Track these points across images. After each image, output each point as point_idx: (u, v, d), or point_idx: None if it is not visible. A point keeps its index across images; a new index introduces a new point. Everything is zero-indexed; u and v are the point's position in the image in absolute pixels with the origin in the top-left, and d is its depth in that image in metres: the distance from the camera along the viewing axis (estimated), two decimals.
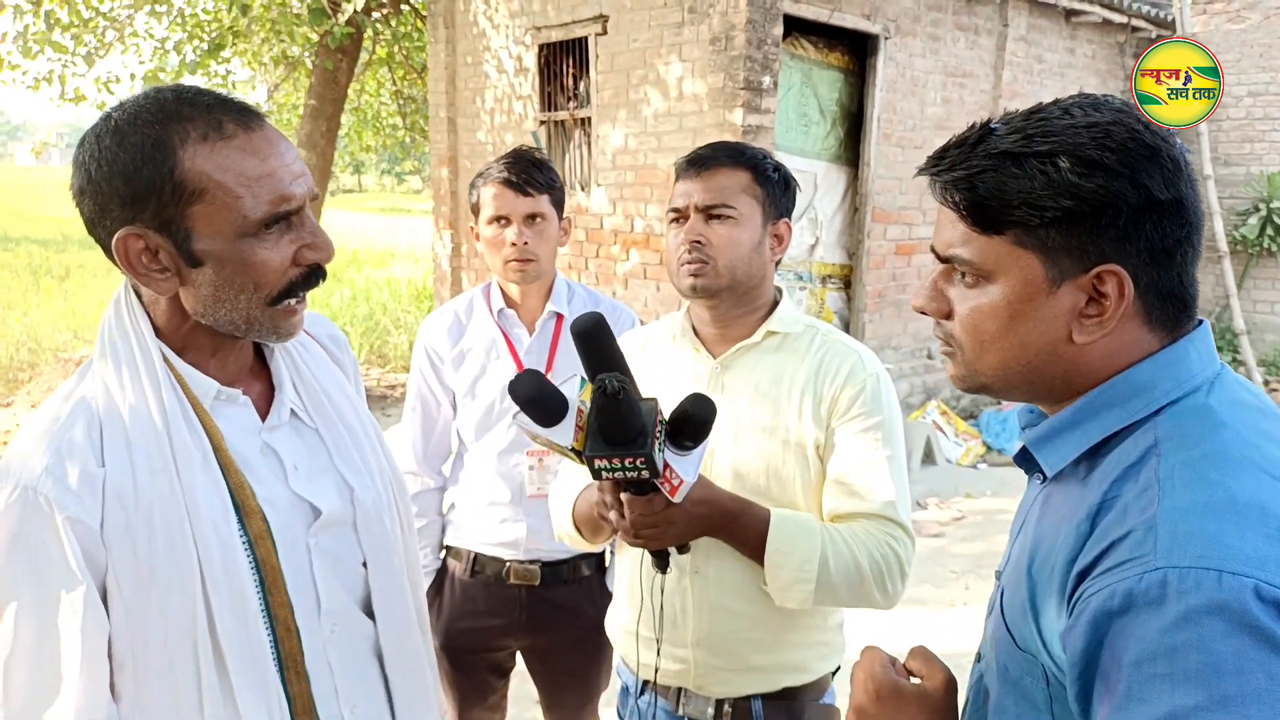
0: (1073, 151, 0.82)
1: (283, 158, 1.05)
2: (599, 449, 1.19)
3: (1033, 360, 0.88)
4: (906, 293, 7.38)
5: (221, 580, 1.06)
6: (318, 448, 1.22)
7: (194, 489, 1.06)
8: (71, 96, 8.98)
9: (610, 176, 6.89)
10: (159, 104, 1.02)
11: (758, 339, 1.60)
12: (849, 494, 1.51)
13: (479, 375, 2.11)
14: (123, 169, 1.00)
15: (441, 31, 8.33)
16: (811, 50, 6.53)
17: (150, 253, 1.04)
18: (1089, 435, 0.88)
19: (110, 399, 1.07)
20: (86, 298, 12.03)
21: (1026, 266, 0.86)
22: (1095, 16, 7.99)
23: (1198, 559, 0.72)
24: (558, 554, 2.14)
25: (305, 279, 1.09)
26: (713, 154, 1.59)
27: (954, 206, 0.89)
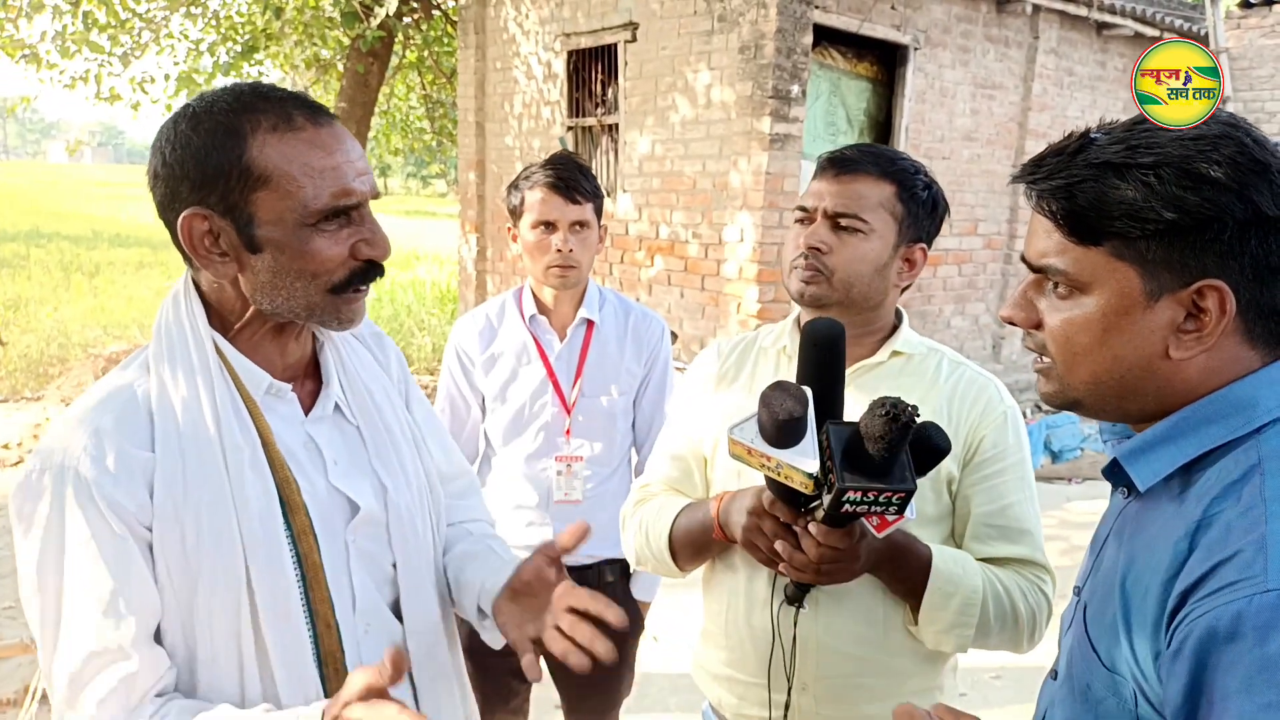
0: (1178, 164, 0.80)
1: (348, 154, 1.07)
2: (855, 480, 1.05)
3: (1125, 375, 0.86)
4: (932, 303, 7.35)
5: (266, 576, 1.08)
6: (357, 445, 1.23)
7: (242, 485, 1.08)
8: (107, 96, 9.12)
9: (636, 183, 6.91)
10: (235, 95, 1.06)
11: (881, 358, 1.47)
12: (998, 536, 1.41)
13: (509, 380, 2.12)
14: (195, 152, 1.03)
15: (472, 37, 8.40)
16: (840, 60, 6.53)
17: (213, 236, 1.06)
18: (1185, 451, 0.85)
19: (163, 391, 1.08)
20: (116, 294, 12.19)
21: (1124, 279, 0.83)
22: (1127, 29, 7.93)
23: None
24: (582, 559, 2.15)
25: (363, 273, 1.11)
26: (858, 157, 1.44)
27: (1050, 215, 0.87)
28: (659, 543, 1.53)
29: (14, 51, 8.46)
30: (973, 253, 7.61)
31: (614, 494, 2.16)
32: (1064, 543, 4.88)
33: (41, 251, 16.26)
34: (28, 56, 8.54)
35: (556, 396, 2.11)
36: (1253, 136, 0.82)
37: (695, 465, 1.58)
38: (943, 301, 7.46)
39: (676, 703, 3.40)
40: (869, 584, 1.39)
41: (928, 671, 1.48)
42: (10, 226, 20.23)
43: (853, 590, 1.39)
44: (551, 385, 2.10)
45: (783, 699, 1.43)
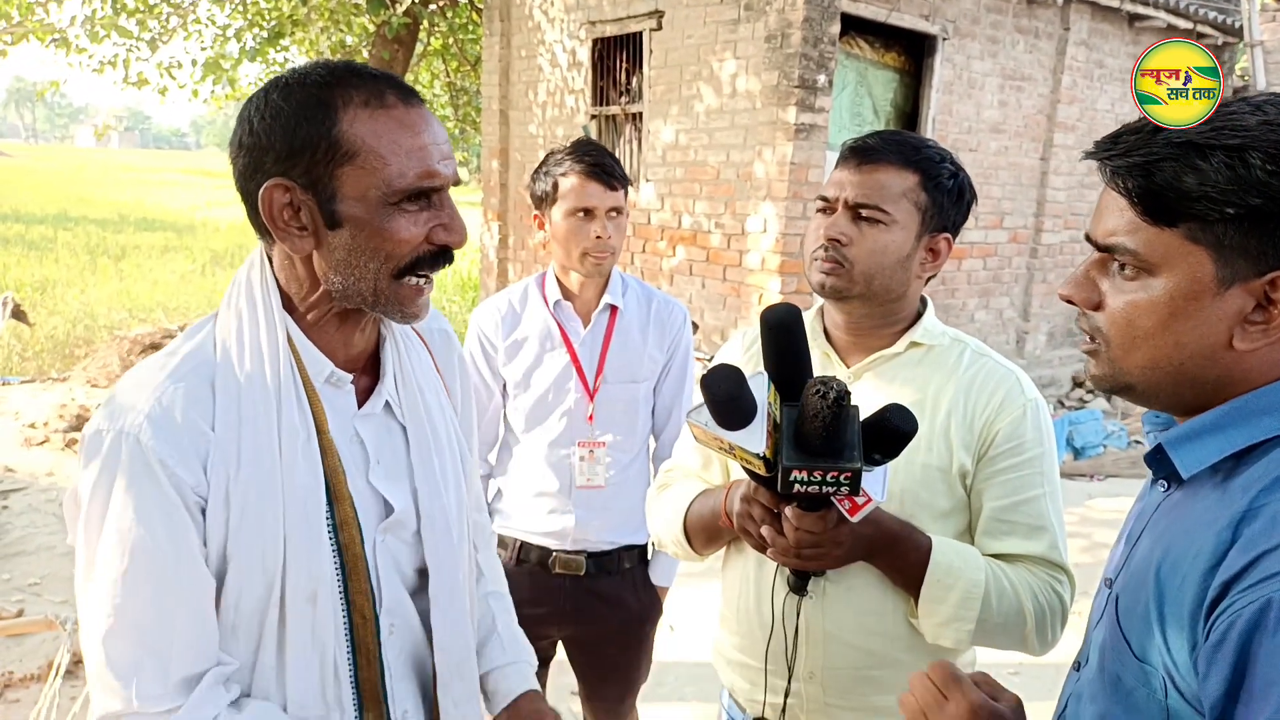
0: (1266, 148, 0.77)
1: (435, 136, 1.07)
2: (799, 459, 1.06)
3: (1185, 363, 0.84)
4: (956, 296, 7.29)
5: (302, 563, 1.07)
6: (400, 446, 1.21)
7: (293, 469, 1.07)
8: (134, 80, 9.20)
9: (659, 172, 6.89)
10: (329, 69, 1.06)
11: (899, 349, 1.45)
12: (1010, 533, 1.37)
13: (533, 365, 2.12)
14: (285, 122, 1.02)
15: (497, 24, 8.39)
16: (868, 49, 6.47)
17: (293, 209, 1.05)
18: (1233, 440, 0.83)
19: (229, 362, 1.07)
20: (141, 278, 12.32)
21: (1196, 263, 0.81)
22: (1160, 21, 7.82)
23: None
24: (603, 545, 2.15)
25: (434, 258, 1.09)
26: (881, 146, 1.39)
27: (1125, 193, 0.84)
28: (675, 527, 1.53)
29: (44, 36, 8.55)
30: (998, 246, 7.54)
31: (634, 480, 2.16)
32: (1085, 540, 4.84)
33: (69, 235, 16.45)
34: (57, 41, 8.63)
35: (580, 382, 2.10)
36: None
37: (717, 457, 1.58)
38: (967, 295, 7.40)
39: (693, 692, 3.40)
40: (876, 575, 1.38)
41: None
42: (38, 210, 20.46)
43: (859, 581, 1.38)
44: (575, 371, 2.10)
45: (783, 685, 1.42)
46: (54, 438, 5.85)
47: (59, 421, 6.02)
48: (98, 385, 7.03)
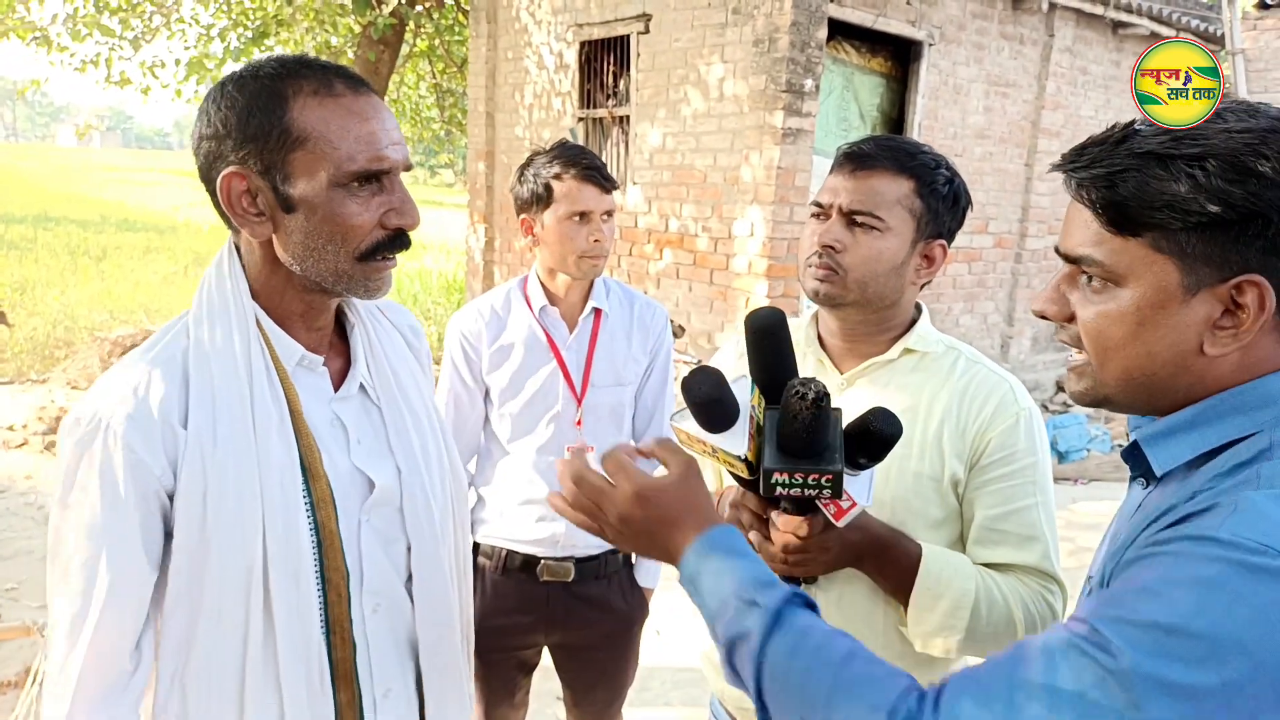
0: (1224, 156, 0.78)
1: (383, 123, 1.11)
2: (780, 461, 1.06)
3: (1159, 371, 0.85)
4: (941, 301, 7.32)
5: (281, 536, 1.11)
6: (379, 426, 1.26)
7: (268, 448, 1.11)
8: (117, 80, 9.12)
9: (646, 175, 6.88)
10: (281, 62, 1.11)
11: (893, 355, 1.44)
12: (1001, 542, 1.36)
13: (519, 372, 2.09)
14: (239, 112, 1.07)
15: (484, 26, 8.37)
16: (854, 54, 6.49)
17: (250, 195, 1.10)
18: (1207, 439, 0.84)
19: (201, 353, 1.12)
20: (122, 278, 12.20)
21: (1161, 272, 0.82)
22: (1143, 29, 7.88)
23: (1261, 535, 0.70)
24: (591, 550, 2.13)
25: (391, 241, 1.13)
26: (876, 152, 1.38)
27: (1090, 204, 0.85)
28: None
29: (25, 34, 8.46)
30: (983, 251, 7.57)
31: None
32: (1070, 543, 4.86)
33: (49, 235, 16.28)
34: (38, 39, 8.54)
35: (568, 388, 2.09)
36: None
37: (709, 463, 1.56)
38: (952, 300, 7.43)
39: (679, 697, 3.39)
40: (868, 585, 1.37)
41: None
42: (18, 210, 20.26)
43: (849, 589, 1.38)
44: (563, 376, 2.09)
45: None
46: (33, 440, 5.77)
47: (38, 424, 5.95)
48: (78, 387, 6.95)
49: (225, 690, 1.11)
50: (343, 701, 1.19)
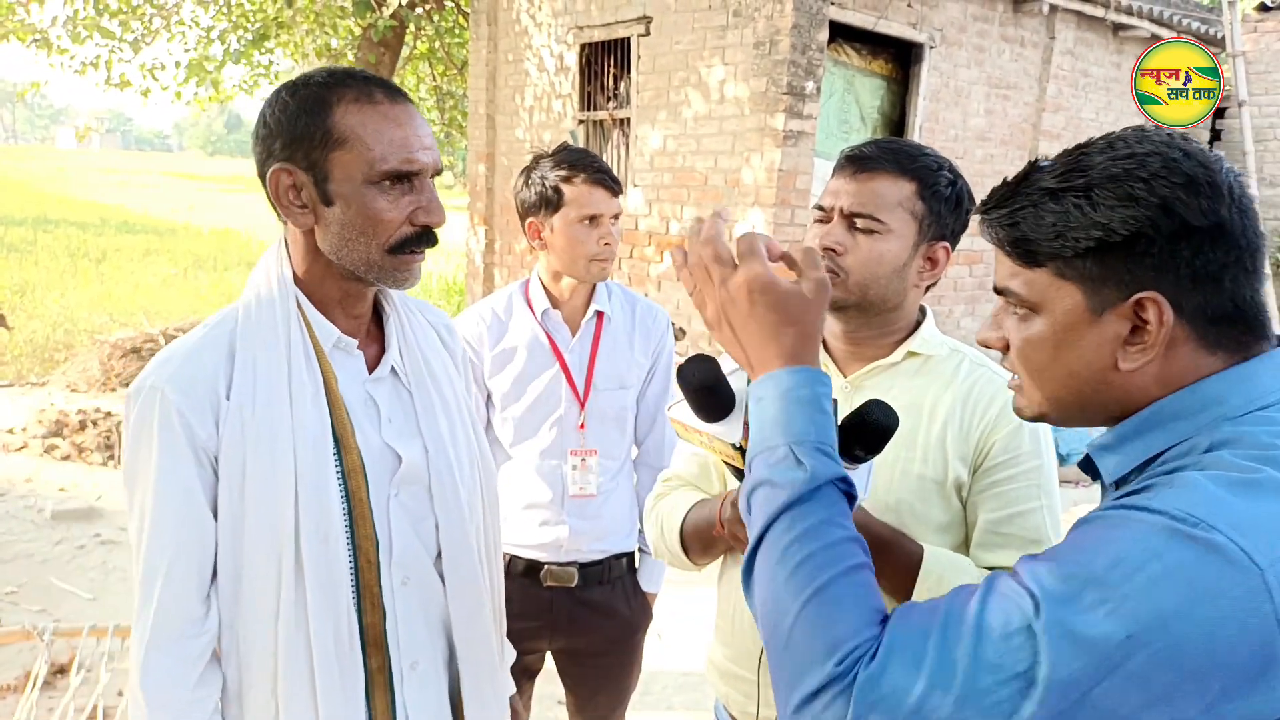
0: (1105, 184, 0.84)
1: (416, 129, 1.23)
2: None
3: (1083, 389, 0.90)
4: (942, 304, 7.32)
5: (313, 502, 1.22)
6: (409, 407, 1.36)
7: (303, 418, 1.23)
8: (117, 82, 9.11)
9: (647, 178, 6.88)
10: (330, 72, 1.24)
11: (897, 359, 1.44)
12: (1005, 544, 1.35)
13: (522, 376, 2.09)
14: (290, 115, 1.21)
15: (484, 28, 8.37)
16: (855, 57, 6.49)
17: (295, 189, 1.22)
18: (1151, 445, 0.88)
19: (248, 331, 1.25)
20: (122, 281, 12.20)
21: (1068, 297, 0.88)
22: (1143, 31, 7.89)
23: (1185, 506, 0.74)
24: (594, 555, 2.13)
25: (418, 237, 1.24)
26: (877, 154, 1.39)
27: (997, 243, 0.92)
28: (672, 537, 1.52)
29: (25, 36, 8.46)
30: (984, 254, 7.57)
31: (623, 488, 2.16)
32: None
33: (48, 237, 16.28)
34: (38, 41, 8.55)
35: (570, 391, 2.09)
36: (1184, 150, 0.85)
37: (713, 462, 1.57)
38: (953, 302, 7.43)
39: (681, 701, 3.38)
40: None
41: None
42: (18, 212, 20.27)
43: None
44: (565, 380, 2.08)
45: (769, 695, 1.41)
46: (33, 443, 5.77)
47: (38, 427, 5.94)
48: (77, 390, 6.94)
49: (264, 643, 1.22)
50: (373, 667, 1.28)
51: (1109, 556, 0.73)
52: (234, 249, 16.72)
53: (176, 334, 7.59)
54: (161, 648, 1.19)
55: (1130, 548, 0.73)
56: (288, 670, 1.22)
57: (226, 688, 1.24)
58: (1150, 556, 0.72)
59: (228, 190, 33.26)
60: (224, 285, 12.57)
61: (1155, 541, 0.72)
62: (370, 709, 1.28)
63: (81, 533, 4.69)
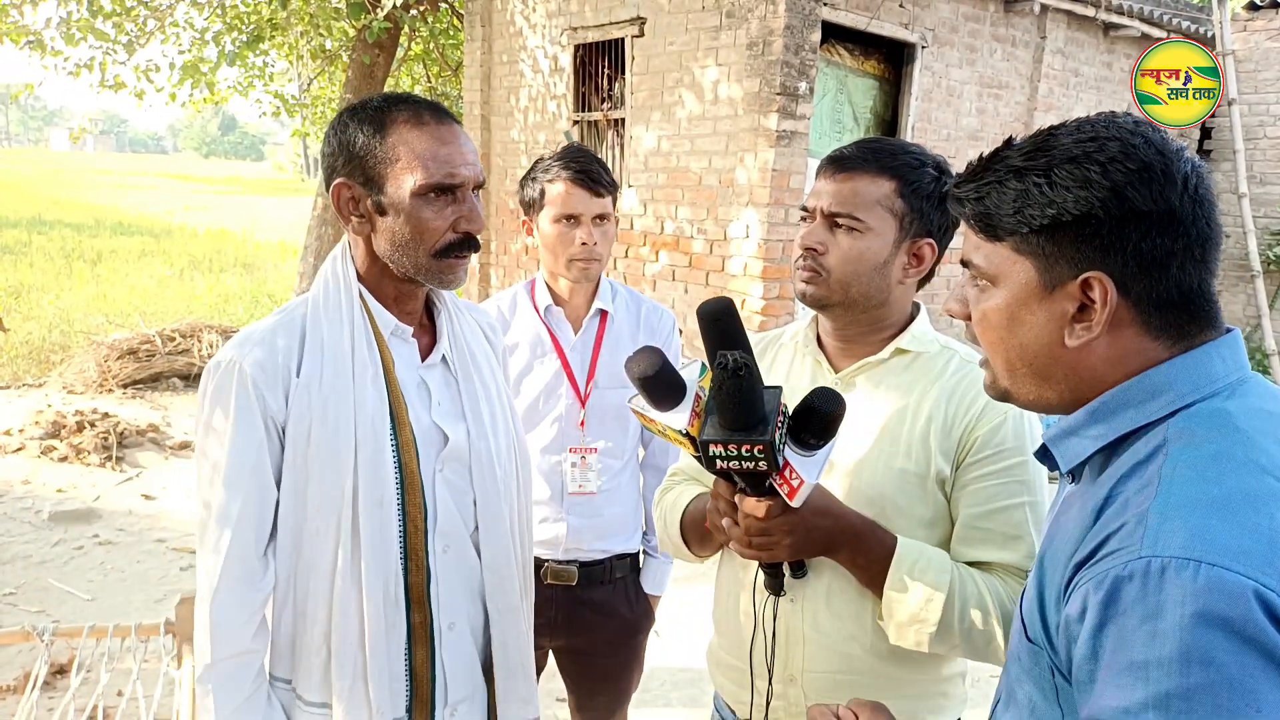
0: (1064, 164, 0.87)
1: (460, 147, 1.39)
2: (715, 434, 1.13)
3: (1033, 362, 0.94)
4: (935, 302, 7.35)
5: (370, 470, 1.37)
6: (455, 393, 1.51)
7: (364, 393, 1.38)
8: (111, 84, 9.10)
9: (642, 178, 6.90)
10: (385, 97, 1.41)
11: (884, 356, 1.45)
12: (985, 540, 1.36)
13: (524, 372, 2.11)
14: (350, 136, 1.38)
15: (478, 29, 8.38)
16: (848, 57, 6.52)
17: (354, 201, 1.40)
18: (1103, 435, 0.91)
19: (317, 317, 1.41)
20: (118, 282, 12.19)
21: (1023, 272, 0.92)
22: (1134, 30, 7.92)
23: (1179, 549, 0.75)
24: (595, 554, 2.15)
25: (461, 243, 1.40)
26: (856, 155, 1.42)
27: (964, 217, 0.97)
28: (674, 529, 1.58)
29: (18, 38, 8.44)
30: None
31: (625, 487, 2.16)
32: None
33: (44, 239, 16.25)
34: (32, 43, 8.52)
35: (571, 388, 2.10)
36: (1145, 138, 0.87)
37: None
38: (945, 299, 7.46)
39: (679, 697, 3.40)
40: (854, 579, 1.38)
41: (927, 677, 1.45)
42: (12, 214, 20.22)
43: (837, 585, 1.39)
44: (566, 377, 2.10)
45: (764, 686, 1.44)
46: (30, 445, 5.77)
47: (35, 428, 5.95)
48: (74, 391, 6.94)
49: (319, 594, 1.38)
50: (416, 622, 1.43)
51: (1178, 678, 0.72)
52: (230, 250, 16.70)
53: (174, 335, 7.59)
54: (230, 590, 1.34)
55: (1183, 663, 0.72)
56: (340, 620, 1.37)
57: (280, 635, 1.41)
58: (1207, 663, 0.71)
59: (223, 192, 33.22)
60: (220, 286, 12.56)
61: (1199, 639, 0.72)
62: (410, 661, 1.44)
63: (79, 534, 4.70)
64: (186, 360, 7.48)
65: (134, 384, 7.19)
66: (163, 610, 3.73)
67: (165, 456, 5.92)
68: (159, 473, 5.66)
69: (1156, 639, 0.73)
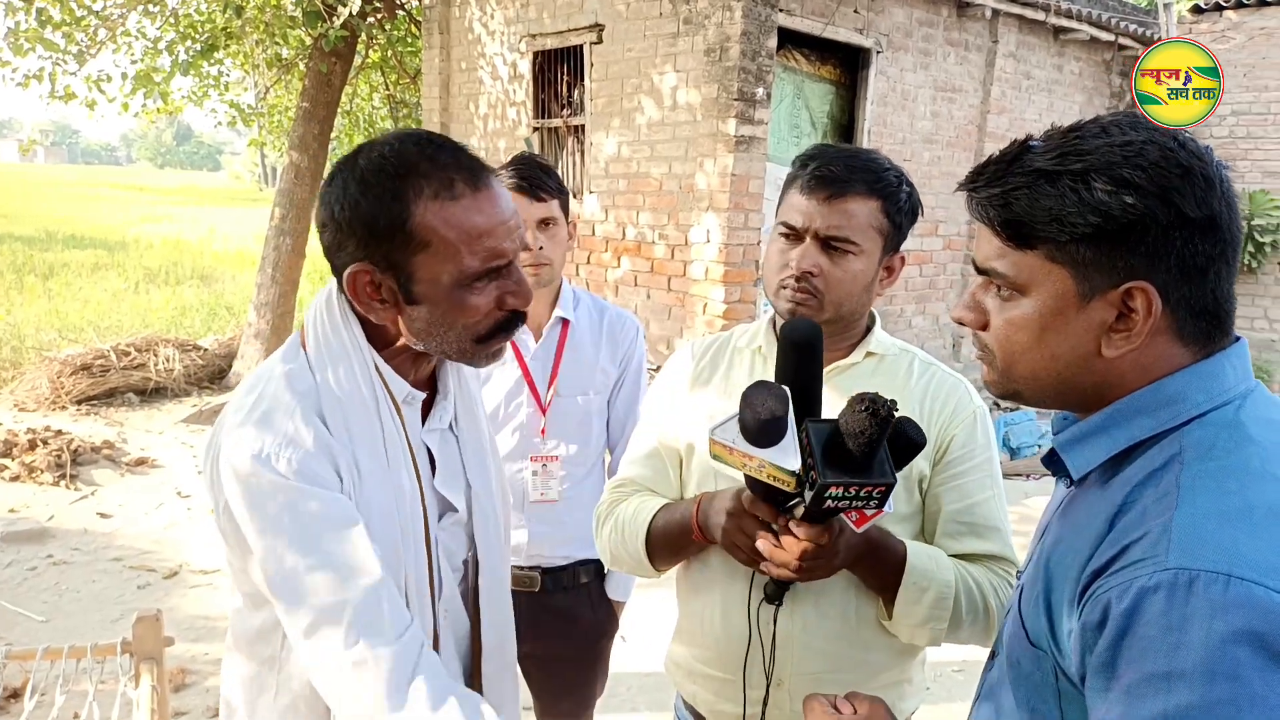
0: (1104, 170, 0.83)
1: (501, 215, 1.16)
2: (835, 475, 1.07)
3: (1063, 372, 0.90)
4: (894, 303, 7.43)
5: (412, 559, 1.23)
6: (456, 456, 1.36)
7: (399, 473, 1.22)
8: (61, 94, 8.92)
9: (603, 184, 6.91)
10: (401, 157, 1.14)
11: (857, 359, 1.49)
12: (968, 533, 1.43)
13: (484, 380, 2.10)
14: (363, 214, 1.13)
15: (436, 37, 8.35)
16: (804, 63, 6.59)
17: (374, 286, 1.17)
18: (1116, 441, 0.89)
19: (329, 389, 1.19)
20: (71, 297, 11.95)
21: (1058, 281, 0.87)
22: (1083, 34, 8.09)
23: (1209, 563, 0.74)
24: (558, 560, 2.15)
25: (507, 323, 1.21)
26: (848, 176, 1.40)
27: (989, 222, 0.91)
28: (635, 543, 1.53)
29: None
30: (933, 253, 7.71)
31: (589, 495, 2.15)
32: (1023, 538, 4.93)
33: None
34: None
35: (532, 396, 2.10)
36: (1179, 141, 0.85)
37: (670, 465, 1.59)
38: (904, 301, 7.55)
39: (645, 702, 3.41)
40: (842, 580, 1.40)
41: (898, 665, 1.50)
42: None
43: (827, 586, 1.40)
44: (527, 385, 2.10)
45: (760, 695, 1.44)
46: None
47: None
48: (26, 409, 6.80)
49: None
50: None
51: (1203, 690, 0.71)
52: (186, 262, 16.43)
53: (129, 350, 7.46)
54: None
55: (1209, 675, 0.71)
56: None
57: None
58: (1234, 677, 0.71)
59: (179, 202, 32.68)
60: (177, 299, 12.36)
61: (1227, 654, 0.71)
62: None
63: (33, 554, 4.60)
64: (142, 375, 7.35)
65: (88, 400, 7.06)
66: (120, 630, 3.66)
67: (121, 474, 5.82)
68: (114, 490, 5.56)
69: (1181, 650, 0.72)
